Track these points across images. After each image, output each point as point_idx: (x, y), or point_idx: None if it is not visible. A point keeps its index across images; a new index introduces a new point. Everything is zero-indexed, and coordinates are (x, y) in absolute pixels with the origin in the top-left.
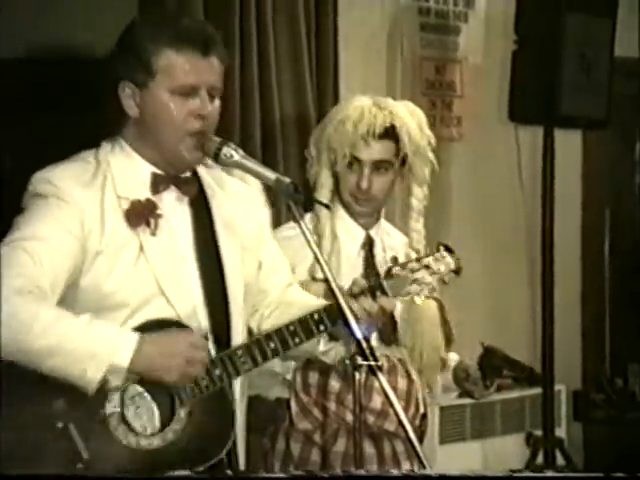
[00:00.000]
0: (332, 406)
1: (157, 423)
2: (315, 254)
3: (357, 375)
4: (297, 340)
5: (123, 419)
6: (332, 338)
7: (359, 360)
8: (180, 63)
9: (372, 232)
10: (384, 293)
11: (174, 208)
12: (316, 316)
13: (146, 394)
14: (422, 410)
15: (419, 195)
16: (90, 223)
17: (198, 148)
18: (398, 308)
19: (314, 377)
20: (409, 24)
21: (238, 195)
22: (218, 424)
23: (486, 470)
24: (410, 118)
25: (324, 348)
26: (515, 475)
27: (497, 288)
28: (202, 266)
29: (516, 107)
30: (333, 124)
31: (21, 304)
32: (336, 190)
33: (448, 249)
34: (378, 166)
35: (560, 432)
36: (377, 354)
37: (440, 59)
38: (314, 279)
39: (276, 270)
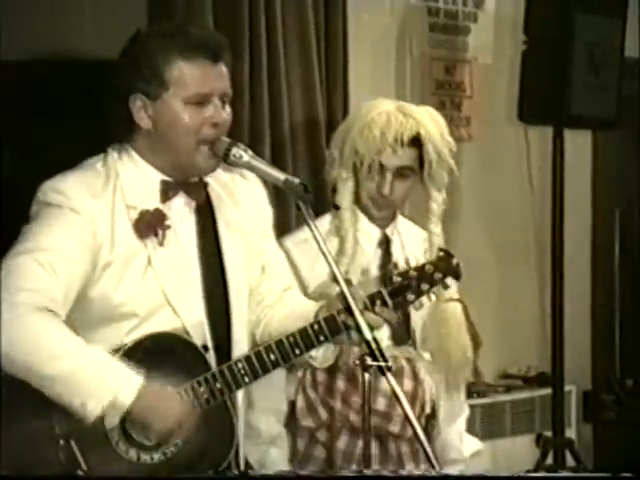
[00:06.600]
0: (337, 405)
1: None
2: (324, 254)
3: (366, 376)
4: (297, 351)
5: (124, 434)
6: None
7: (368, 361)
8: (192, 73)
9: (388, 231)
10: (384, 302)
11: (182, 214)
12: (316, 327)
13: None
14: (428, 410)
15: (438, 199)
16: (102, 234)
17: (212, 156)
18: (425, 308)
19: (322, 375)
20: (418, 24)
21: (242, 195)
22: (220, 435)
23: (496, 470)
24: (433, 125)
25: (313, 353)
26: (525, 475)
27: (506, 289)
28: (205, 274)
29: (525, 107)
30: (358, 127)
31: (36, 323)
32: (355, 193)
33: (448, 254)
34: (400, 172)
35: (570, 433)
36: (386, 355)
37: (449, 59)
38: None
39: (274, 273)
